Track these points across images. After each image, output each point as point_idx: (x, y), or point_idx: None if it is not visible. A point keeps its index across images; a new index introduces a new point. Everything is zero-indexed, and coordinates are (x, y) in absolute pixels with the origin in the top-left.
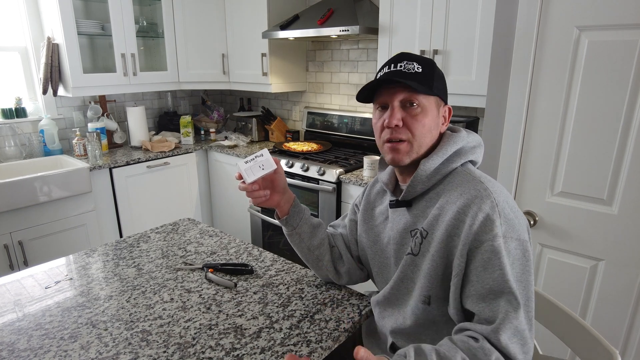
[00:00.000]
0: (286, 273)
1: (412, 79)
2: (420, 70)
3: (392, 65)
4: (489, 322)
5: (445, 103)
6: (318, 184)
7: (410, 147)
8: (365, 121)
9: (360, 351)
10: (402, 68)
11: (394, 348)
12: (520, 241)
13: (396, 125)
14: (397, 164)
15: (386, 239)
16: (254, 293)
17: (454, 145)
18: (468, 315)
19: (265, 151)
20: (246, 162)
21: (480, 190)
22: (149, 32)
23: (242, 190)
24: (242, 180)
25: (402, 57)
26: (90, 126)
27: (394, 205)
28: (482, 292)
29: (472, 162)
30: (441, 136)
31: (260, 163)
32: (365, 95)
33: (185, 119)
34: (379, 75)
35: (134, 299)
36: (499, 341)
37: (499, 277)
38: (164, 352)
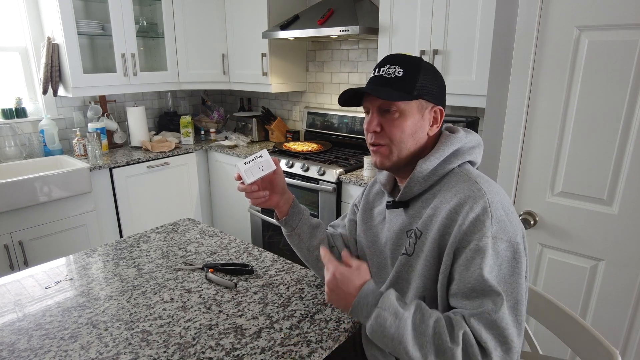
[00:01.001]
0: (286, 273)
1: (390, 84)
2: (402, 74)
3: (377, 69)
4: None
5: (436, 104)
6: (318, 184)
7: (389, 151)
8: None
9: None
10: (383, 73)
11: None
12: (512, 243)
13: (374, 131)
14: (379, 166)
15: (384, 239)
16: (254, 293)
17: (451, 147)
18: None
19: (264, 152)
20: (245, 163)
21: (475, 190)
22: (149, 32)
23: (242, 191)
24: (241, 181)
25: (387, 60)
26: (91, 126)
27: (390, 206)
28: (464, 291)
29: (471, 163)
30: (438, 137)
31: (260, 164)
32: (354, 100)
33: (186, 119)
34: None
35: (134, 299)
36: (469, 322)
37: (479, 277)
38: (164, 352)
